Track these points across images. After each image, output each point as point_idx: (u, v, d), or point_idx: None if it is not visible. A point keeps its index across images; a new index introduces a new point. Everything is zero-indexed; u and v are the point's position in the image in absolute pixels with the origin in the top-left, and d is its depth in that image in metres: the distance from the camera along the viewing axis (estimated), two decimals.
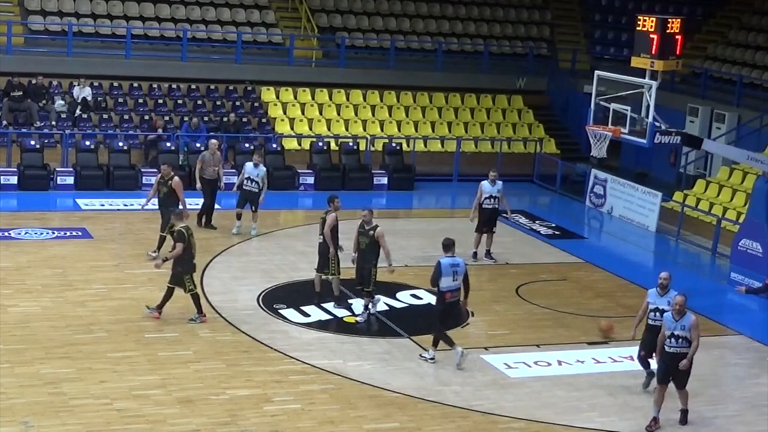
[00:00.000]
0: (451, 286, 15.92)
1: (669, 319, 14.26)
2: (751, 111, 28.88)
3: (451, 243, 16.24)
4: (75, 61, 28.76)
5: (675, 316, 14.19)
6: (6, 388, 13.94)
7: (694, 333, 14.15)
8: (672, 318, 14.22)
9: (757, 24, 32.65)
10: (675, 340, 14.15)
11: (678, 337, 14.13)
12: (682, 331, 14.13)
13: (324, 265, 18.16)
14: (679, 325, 14.12)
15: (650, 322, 15.02)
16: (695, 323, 14.19)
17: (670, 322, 14.21)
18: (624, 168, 30.74)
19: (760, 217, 21.50)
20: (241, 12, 32.13)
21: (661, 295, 15.02)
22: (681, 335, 14.13)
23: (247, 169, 22.25)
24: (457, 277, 15.93)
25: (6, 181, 25.15)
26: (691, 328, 14.14)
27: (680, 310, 14.16)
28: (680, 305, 14.16)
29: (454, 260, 15.99)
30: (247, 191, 22.18)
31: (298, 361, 15.81)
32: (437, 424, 14.06)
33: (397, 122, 31.01)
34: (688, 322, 14.15)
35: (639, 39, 20.91)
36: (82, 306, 17.38)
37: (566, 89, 33.50)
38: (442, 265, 15.87)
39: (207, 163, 22.84)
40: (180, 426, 13.36)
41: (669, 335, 14.17)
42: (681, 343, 14.15)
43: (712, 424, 14.80)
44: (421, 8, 34.69)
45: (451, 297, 16.03)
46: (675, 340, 14.15)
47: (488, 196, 21.59)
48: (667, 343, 14.21)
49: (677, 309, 14.16)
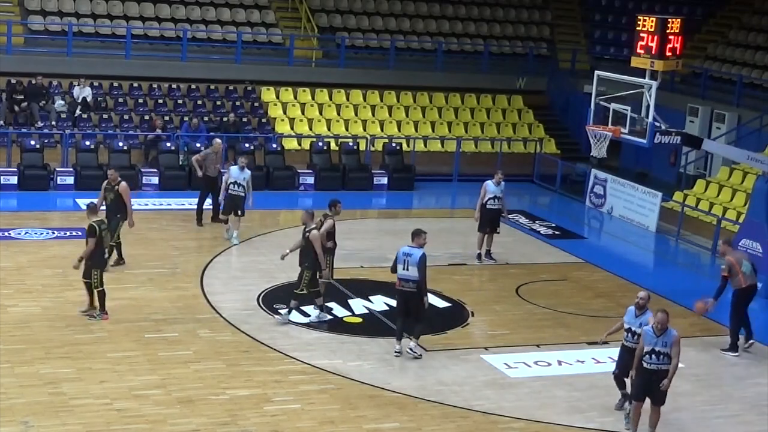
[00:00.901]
0: (402, 274, 15.94)
1: (650, 334, 13.64)
2: (751, 111, 28.88)
3: (417, 232, 16.17)
4: (75, 61, 28.76)
5: (656, 332, 13.58)
6: (6, 388, 13.94)
7: (675, 349, 13.61)
8: (653, 333, 13.61)
9: (757, 24, 32.65)
10: (656, 356, 13.57)
11: (659, 354, 13.56)
12: (664, 347, 13.56)
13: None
14: (661, 341, 13.54)
15: (625, 342, 14.29)
16: (678, 340, 13.65)
17: (651, 338, 13.60)
18: (624, 168, 30.74)
19: (760, 217, 21.48)
20: (241, 12, 32.13)
21: (637, 315, 14.27)
22: (662, 351, 13.56)
23: (233, 173, 21.63)
24: (408, 267, 15.85)
25: (6, 181, 25.16)
26: (674, 344, 13.59)
27: (662, 327, 13.57)
28: (662, 323, 13.54)
29: (410, 249, 15.93)
30: (234, 195, 21.53)
31: (298, 361, 15.81)
32: (437, 424, 14.06)
33: (397, 122, 31.02)
34: (671, 338, 13.60)
35: (639, 39, 20.90)
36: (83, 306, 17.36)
37: (566, 89, 33.50)
38: (398, 252, 16.02)
39: (210, 160, 22.89)
40: (180, 426, 13.36)
41: (649, 351, 13.57)
42: (662, 360, 13.59)
43: (712, 424, 14.79)
44: (421, 8, 34.69)
45: (400, 285, 16.02)
46: (656, 357, 13.57)
47: (493, 196, 21.58)
48: (646, 359, 13.60)
49: (659, 327, 13.56)
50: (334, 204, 18.09)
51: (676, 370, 13.72)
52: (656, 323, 13.64)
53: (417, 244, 16.01)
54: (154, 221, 23.28)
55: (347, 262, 20.02)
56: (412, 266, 15.82)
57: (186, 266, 20.10)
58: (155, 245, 21.30)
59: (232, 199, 21.58)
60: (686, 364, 16.90)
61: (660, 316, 13.62)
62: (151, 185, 26.15)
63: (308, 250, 17.16)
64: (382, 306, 18.55)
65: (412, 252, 15.91)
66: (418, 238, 16.06)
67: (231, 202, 21.61)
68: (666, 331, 13.59)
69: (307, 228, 17.19)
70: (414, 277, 15.87)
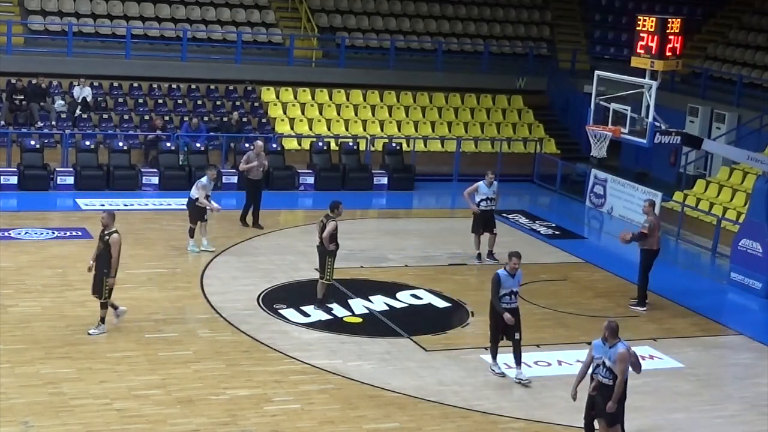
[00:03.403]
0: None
1: (598, 345, 12.84)
2: (751, 111, 28.87)
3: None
4: (75, 61, 28.76)
5: (606, 342, 12.76)
6: (6, 388, 13.94)
7: (619, 366, 12.66)
8: (602, 344, 12.80)
9: (757, 24, 32.65)
10: (602, 368, 12.79)
11: (606, 367, 12.76)
12: (609, 360, 12.72)
13: (321, 269, 18.08)
14: (609, 353, 12.72)
15: (600, 378, 12.97)
16: (623, 356, 12.68)
17: (600, 349, 12.82)
18: (624, 168, 30.74)
19: (760, 217, 21.48)
20: (241, 12, 32.13)
21: (610, 346, 12.96)
22: (608, 365, 12.74)
23: (209, 185, 21.15)
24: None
25: (6, 181, 25.15)
26: (617, 360, 12.65)
27: (613, 334, 12.76)
28: (610, 332, 12.72)
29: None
30: (200, 207, 21.00)
31: (298, 361, 15.81)
32: (437, 424, 14.06)
33: (397, 122, 31.02)
34: (615, 353, 12.67)
35: (639, 39, 20.90)
36: (82, 306, 17.37)
37: (566, 89, 33.50)
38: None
39: (252, 160, 23.03)
40: (180, 426, 13.36)
41: (599, 363, 12.81)
42: (606, 374, 12.77)
43: (712, 424, 14.79)
44: (421, 8, 34.69)
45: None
46: (602, 369, 12.79)
47: (485, 197, 21.55)
48: (597, 370, 12.86)
49: (607, 334, 12.73)
50: (335, 206, 18.00)
51: (621, 389, 12.75)
52: (604, 329, 12.82)
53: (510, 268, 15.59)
54: (154, 221, 23.29)
55: (347, 262, 20.02)
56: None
57: (186, 266, 20.09)
58: (155, 245, 21.30)
59: (198, 210, 21.02)
60: (686, 364, 16.99)
61: (610, 322, 12.84)
62: (151, 185, 26.15)
63: (106, 254, 16.07)
64: (382, 306, 18.56)
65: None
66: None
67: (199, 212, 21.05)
68: (616, 344, 12.73)
69: (106, 231, 16.07)
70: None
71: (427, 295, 19.33)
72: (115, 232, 16.14)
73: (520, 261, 15.60)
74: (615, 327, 12.82)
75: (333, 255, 17.90)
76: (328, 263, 17.81)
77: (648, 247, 19.50)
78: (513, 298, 15.52)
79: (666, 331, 18.53)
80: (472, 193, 21.62)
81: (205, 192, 20.80)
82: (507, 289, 15.42)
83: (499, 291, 15.41)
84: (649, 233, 19.38)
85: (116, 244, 16.02)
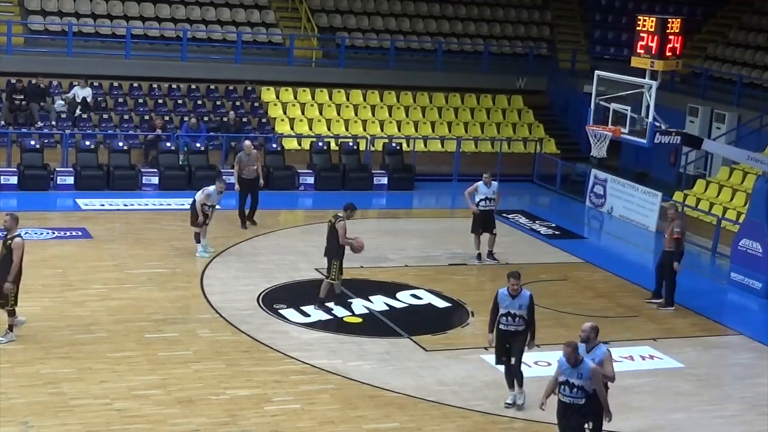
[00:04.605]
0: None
1: (563, 363, 12.06)
2: (751, 111, 28.87)
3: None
4: (75, 61, 28.76)
5: (571, 360, 11.97)
6: (6, 388, 13.94)
7: (596, 382, 11.92)
8: (566, 362, 12.02)
9: (757, 24, 32.65)
10: (569, 388, 12.00)
11: (573, 386, 11.98)
12: (579, 379, 11.90)
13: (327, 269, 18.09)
14: (576, 372, 11.93)
15: (563, 398, 12.15)
16: (596, 372, 11.96)
17: (564, 367, 12.04)
18: (624, 168, 30.73)
19: (760, 217, 21.47)
20: (241, 12, 32.13)
21: (588, 350, 12.43)
22: (577, 384, 11.93)
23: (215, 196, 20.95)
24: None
25: (6, 181, 25.15)
26: (591, 376, 11.89)
27: (587, 338, 12.29)
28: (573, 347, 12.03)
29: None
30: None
31: (298, 361, 15.81)
32: (437, 424, 14.06)
33: (397, 122, 31.02)
34: (587, 369, 11.91)
35: (639, 39, 20.90)
36: (82, 306, 17.38)
37: (566, 89, 33.50)
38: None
39: (244, 163, 23.01)
40: (180, 426, 13.36)
41: (563, 381, 12.05)
42: (575, 393, 11.96)
43: (712, 424, 14.79)
44: (421, 8, 34.69)
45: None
46: (569, 389, 12.00)
47: (484, 197, 21.56)
48: (561, 389, 12.11)
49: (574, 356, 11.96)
50: (349, 207, 18.06)
51: (606, 404, 12.09)
52: (566, 346, 12.09)
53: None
54: (154, 221, 23.29)
55: (347, 262, 19.94)
56: None
57: (186, 266, 20.09)
58: (155, 245, 21.30)
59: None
60: (686, 364, 16.98)
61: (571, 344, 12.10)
62: (151, 185, 26.15)
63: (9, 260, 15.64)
64: (382, 306, 18.56)
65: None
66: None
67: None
68: (582, 361, 12.01)
69: (9, 235, 15.48)
70: None
71: (427, 295, 19.33)
72: (18, 236, 15.54)
73: (520, 281, 14.40)
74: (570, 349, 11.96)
75: (339, 256, 17.89)
76: (334, 264, 17.82)
77: (681, 250, 19.59)
78: (512, 320, 14.30)
79: (666, 331, 18.53)
80: (472, 193, 21.64)
81: (209, 202, 20.65)
82: (504, 309, 14.31)
83: (498, 310, 14.38)
84: (681, 237, 19.49)
85: (19, 248, 15.35)
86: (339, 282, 18.14)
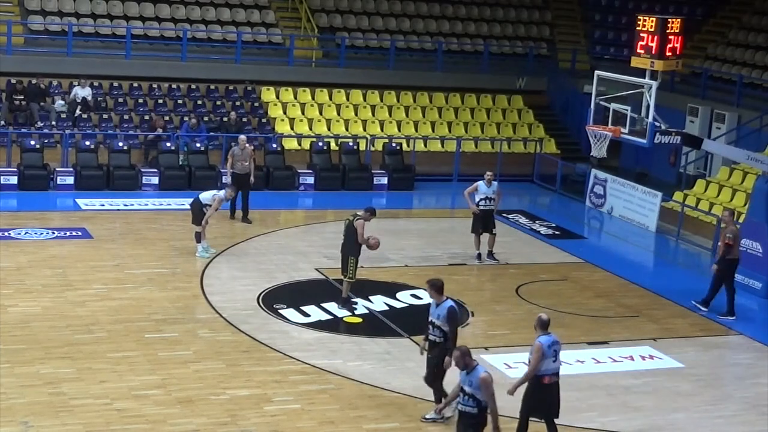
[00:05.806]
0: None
1: (462, 374, 11.87)
2: (751, 111, 28.88)
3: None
4: (75, 61, 28.76)
5: (460, 365, 11.81)
6: (6, 388, 13.94)
7: (485, 393, 11.61)
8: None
9: (757, 24, 32.65)
10: (462, 395, 11.90)
11: (465, 393, 11.83)
12: (469, 387, 11.76)
13: (344, 267, 18.11)
14: (468, 380, 11.79)
15: (460, 408, 12.01)
16: (486, 381, 11.62)
17: (461, 375, 11.88)
18: (624, 168, 30.74)
19: (760, 217, 21.47)
20: (241, 12, 32.14)
21: (464, 370, 11.88)
22: (467, 392, 11.78)
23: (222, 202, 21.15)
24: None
25: (6, 181, 25.14)
26: (480, 386, 11.60)
27: (466, 362, 11.73)
28: (458, 361, 11.79)
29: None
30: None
31: (298, 361, 15.81)
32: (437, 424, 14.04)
33: (397, 122, 31.01)
34: (476, 377, 11.66)
35: (639, 39, 20.90)
36: (82, 306, 17.38)
37: (566, 89, 33.50)
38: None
39: (237, 157, 23.09)
40: (180, 426, 13.36)
41: (461, 387, 11.94)
42: (467, 401, 11.79)
43: (712, 424, 14.79)
44: (421, 8, 34.69)
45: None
46: (462, 395, 11.90)
47: (484, 197, 21.55)
48: (460, 398, 11.91)
49: (463, 360, 11.68)
50: (370, 210, 18.07)
51: (495, 416, 11.69)
52: (456, 355, 11.85)
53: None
54: (154, 221, 23.29)
55: None
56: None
57: (186, 266, 20.09)
58: (155, 245, 21.30)
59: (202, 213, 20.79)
60: (686, 364, 16.98)
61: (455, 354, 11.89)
62: (151, 185, 26.15)
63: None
64: (382, 306, 18.56)
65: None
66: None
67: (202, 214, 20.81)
68: (475, 367, 11.81)
69: None
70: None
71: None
72: None
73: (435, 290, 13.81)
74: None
75: (356, 254, 17.91)
76: (351, 262, 17.87)
77: (732, 256, 19.40)
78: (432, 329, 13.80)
79: (666, 331, 18.53)
80: (472, 193, 21.64)
81: (216, 206, 20.65)
82: (430, 317, 13.79)
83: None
84: (734, 243, 19.35)
85: None
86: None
